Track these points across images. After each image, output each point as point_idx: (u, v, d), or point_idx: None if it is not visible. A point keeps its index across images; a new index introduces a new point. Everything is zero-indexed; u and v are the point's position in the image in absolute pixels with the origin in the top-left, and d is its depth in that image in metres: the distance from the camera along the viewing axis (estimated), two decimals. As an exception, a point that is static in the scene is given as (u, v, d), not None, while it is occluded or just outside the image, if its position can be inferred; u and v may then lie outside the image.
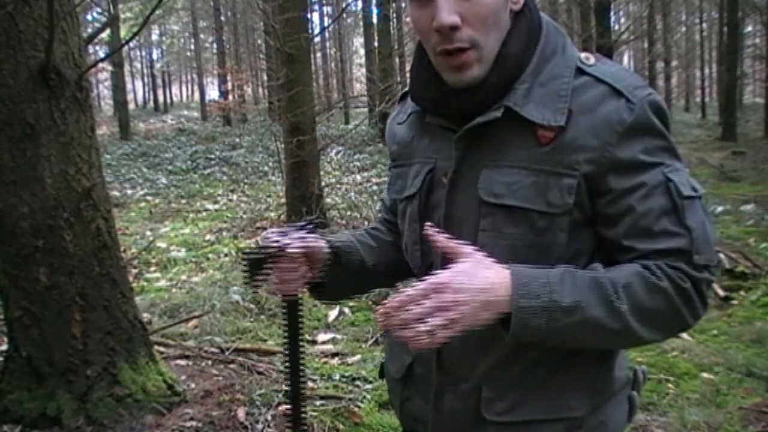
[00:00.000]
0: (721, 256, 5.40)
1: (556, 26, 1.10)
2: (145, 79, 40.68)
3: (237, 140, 17.21)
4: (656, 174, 1.00)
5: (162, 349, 3.50)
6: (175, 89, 47.71)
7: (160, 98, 38.57)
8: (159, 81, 39.92)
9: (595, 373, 1.09)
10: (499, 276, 0.96)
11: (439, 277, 0.93)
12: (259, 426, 2.76)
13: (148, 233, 7.77)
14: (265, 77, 23.87)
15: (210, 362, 3.46)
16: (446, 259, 1.08)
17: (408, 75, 1.18)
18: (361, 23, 23.92)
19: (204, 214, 9.23)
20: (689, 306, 0.99)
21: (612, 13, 13.59)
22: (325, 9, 30.56)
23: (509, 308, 0.94)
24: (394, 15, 16.02)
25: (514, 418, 1.07)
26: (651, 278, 0.98)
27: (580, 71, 1.04)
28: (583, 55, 1.07)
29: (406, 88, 1.26)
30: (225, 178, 12.48)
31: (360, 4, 21.27)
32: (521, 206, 1.02)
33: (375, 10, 17.35)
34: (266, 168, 13.16)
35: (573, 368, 1.07)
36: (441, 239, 0.99)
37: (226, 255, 6.53)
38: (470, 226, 1.07)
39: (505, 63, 1.04)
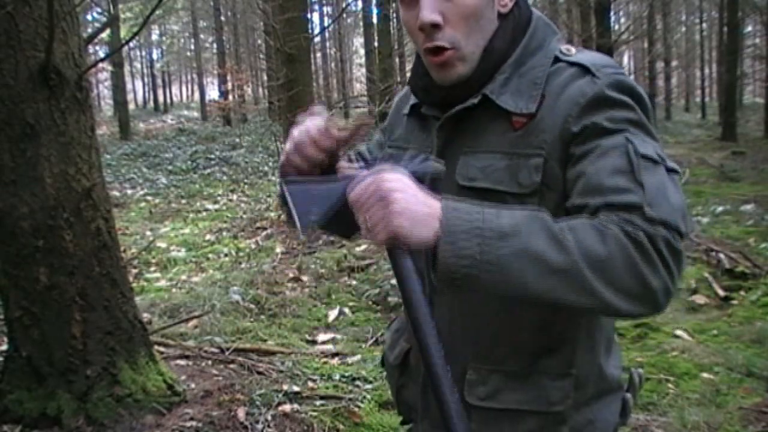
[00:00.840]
0: (721, 256, 5.40)
1: (546, 22, 1.12)
2: (145, 79, 40.64)
3: (237, 140, 17.20)
4: (617, 138, 0.96)
5: (162, 349, 3.50)
6: (175, 89, 47.69)
7: (160, 98, 38.54)
8: (159, 81, 39.90)
9: (578, 367, 1.09)
10: (433, 198, 0.93)
11: (382, 173, 0.92)
12: (259, 426, 2.76)
13: (148, 233, 7.77)
14: (265, 77, 23.85)
15: (210, 362, 3.46)
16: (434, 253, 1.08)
17: (408, 75, 1.21)
18: (361, 23, 23.90)
19: (204, 214, 9.23)
20: (647, 260, 0.88)
21: (612, 13, 13.58)
22: (325, 9, 30.56)
23: (438, 228, 0.89)
24: (394, 15, 15.97)
25: (495, 404, 1.08)
26: (598, 225, 0.90)
27: (557, 60, 1.07)
28: (564, 47, 1.09)
29: None
30: (225, 178, 12.48)
31: (360, 4, 21.27)
32: (494, 188, 1.04)
33: (375, 10, 17.33)
34: (266, 168, 13.15)
35: (553, 359, 1.08)
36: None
37: (226, 255, 6.54)
38: None
39: (489, 59, 1.07)
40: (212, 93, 31.78)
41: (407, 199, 0.89)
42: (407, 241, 0.89)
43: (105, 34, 15.30)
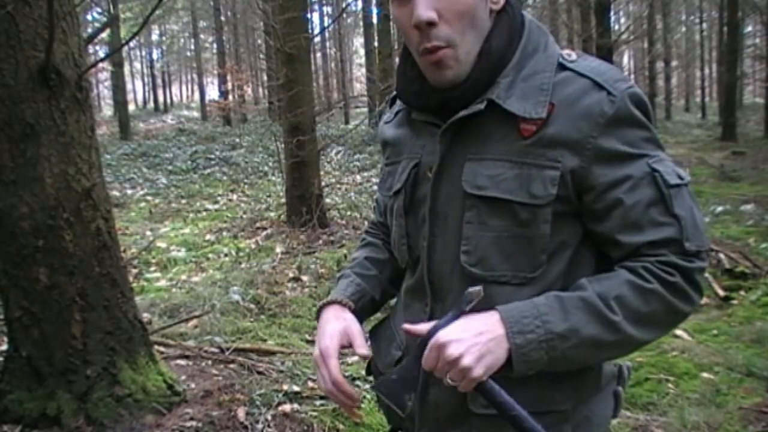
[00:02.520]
0: (721, 256, 5.40)
1: (538, 25, 1.12)
2: (145, 79, 40.62)
3: (237, 140, 17.20)
4: (641, 165, 1.02)
5: (162, 349, 3.50)
6: (175, 89, 47.67)
7: (160, 98, 38.50)
8: (159, 81, 39.87)
9: (580, 368, 1.10)
10: (490, 319, 1.00)
11: (436, 338, 1.00)
12: (259, 426, 2.76)
13: (148, 233, 7.77)
14: (265, 77, 23.87)
15: (210, 362, 3.46)
16: (432, 255, 1.13)
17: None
18: (361, 23, 23.92)
19: (204, 214, 9.23)
20: (682, 298, 1.01)
21: (612, 13, 13.58)
22: (325, 9, 30.55)
23: (508, 348, 0.99)
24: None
25: None
26: (640, 283, 1.00)
27: (562, 67, 1.06)
28: (565, 51, 1.09)
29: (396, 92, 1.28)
30: (225, 178, 12.48)
31: (360, 4, 21.29)
32: (504, 198, 1.04)
33: (375, 10, 17.35)
34: (266, 168, 13.16)
35: None
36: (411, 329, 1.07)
37: (226, 255, 6.54)
38: (455, 220, 1.09)
39: (488, 59, 1.05)
40: (212, 93, 31.80)
41: (472, 344, 0.97)
42: (489, 375, 0.99)
43: (105, 34, 15.30)
